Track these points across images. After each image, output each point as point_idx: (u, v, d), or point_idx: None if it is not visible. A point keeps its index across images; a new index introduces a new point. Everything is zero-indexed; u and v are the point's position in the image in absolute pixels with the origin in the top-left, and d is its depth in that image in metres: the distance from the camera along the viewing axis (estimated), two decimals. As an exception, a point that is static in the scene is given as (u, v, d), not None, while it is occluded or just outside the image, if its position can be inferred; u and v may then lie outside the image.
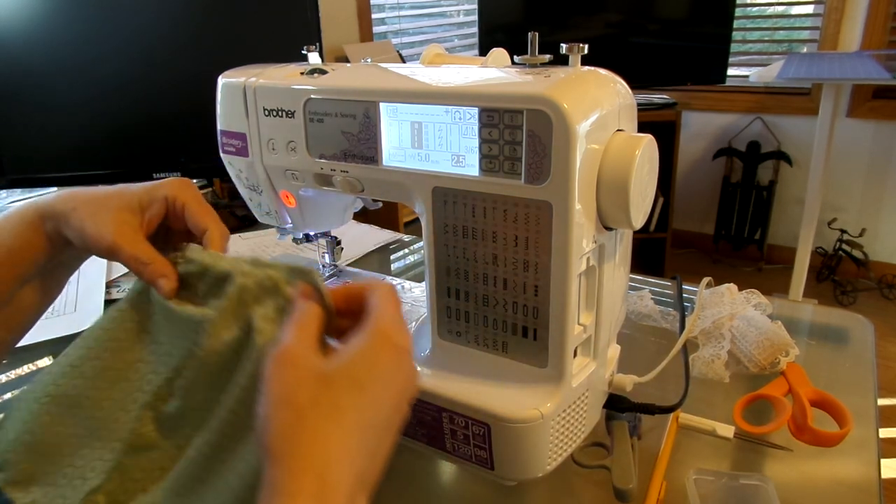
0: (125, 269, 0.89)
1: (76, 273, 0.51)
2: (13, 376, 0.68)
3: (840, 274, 2.60)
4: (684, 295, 0.76)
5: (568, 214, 0.40)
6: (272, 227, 0.64)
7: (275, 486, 0.27)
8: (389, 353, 0.32)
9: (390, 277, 0.68)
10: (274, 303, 0.37)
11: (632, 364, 0.55)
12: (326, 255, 0.70)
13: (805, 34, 2.55)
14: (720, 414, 0.56)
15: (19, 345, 0.71)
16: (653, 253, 2.59)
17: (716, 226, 2.83)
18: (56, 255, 0.44)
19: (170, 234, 0.46)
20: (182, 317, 0.39)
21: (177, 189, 0.45)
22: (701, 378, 0.62)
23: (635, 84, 0.58)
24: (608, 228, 0.44)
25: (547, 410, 0.43)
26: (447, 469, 0.54)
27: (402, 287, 0.66)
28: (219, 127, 0.58)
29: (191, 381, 0.38)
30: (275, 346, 0.32)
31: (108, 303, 0.80)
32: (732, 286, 0.72)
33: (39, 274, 0.45)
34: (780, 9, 2.59)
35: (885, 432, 1.61)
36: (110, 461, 0.39)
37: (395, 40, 2.47)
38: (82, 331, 0.43)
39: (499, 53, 0.49)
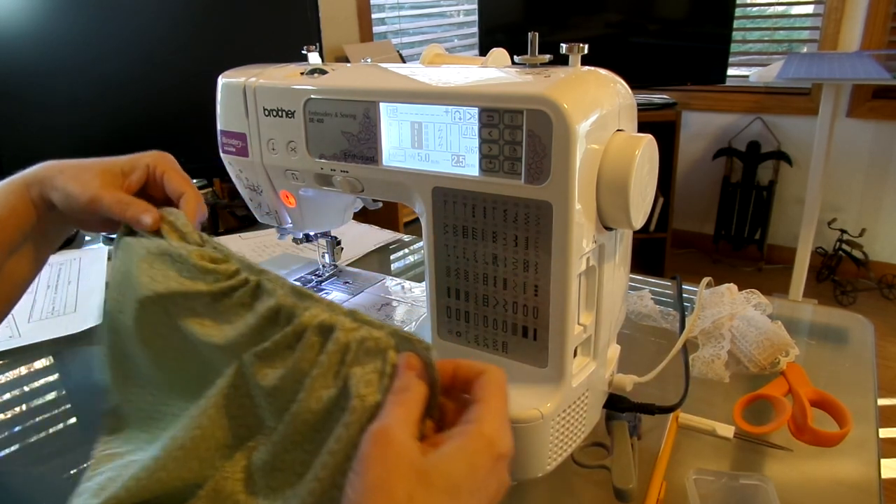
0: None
1: (76, 273, 0.51)
2: (12, 376, 0.68)
3: (840, 274, 2.60)
4: (684, 295, 0.76)
5: (568, 214, 0.40)
6: (272, 227, 0.64)
7: None
8: (490, 461, 0.31)
9: (390, 278, 0.68)
10: (374, 366, 0.34)
11: (632, 364, 0.55)
12: (326, 255, 0.70)
13: (805, 34, 2.55)
14: (720, 414, 0.56)
15: (19, 345, 0.71)
16: (653, 253, 2.59)
17: (716, 226, 2.83)
18: (41, 222, 0.45)
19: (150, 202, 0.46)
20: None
21: (158, 158, 0.47)
22: (701, 378, 0.62)
23: (635, 84, 0.58)
24: (608, 228, 0.44)
25: (547, 410, 0.43)
26: (447, 469, 0.54)
27: (402, 287, 0.66)
28: (219, 127, 0.58)
29: (282, 436, 0.36)
30: (377, 422, 0.31)
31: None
32: (732, 286, 0.72)
33: (25, 243, 0.46)
34: (780, 9, 2.59)
35: (885, 432, 1.61)
36: None
37: (395, 40, 2.47)
38: (82, 331, 0.42)
39: (499, 53, 0.49)
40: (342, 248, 0.71)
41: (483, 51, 2.15)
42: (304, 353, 0.35)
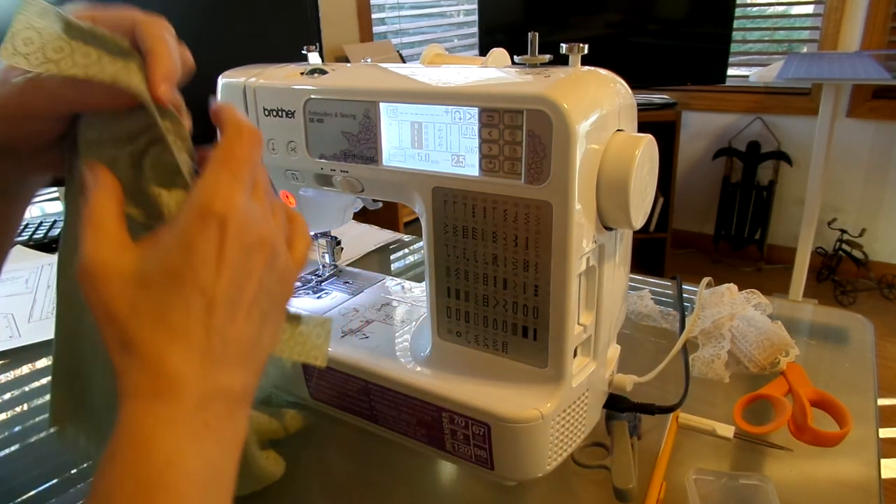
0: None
1: None
2: (12, 376, 0.68)
3: (840, 274, 2.60)
4: (684, 295, 0.76)
5: (568, 214, 0.40)
6: (272, 227, 0.64)
7: (119, 391, 0.29)
8: (207, 228, 0.29)
9: (390, 278, 0.68)
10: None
11: (632, 364, 0.55)
12: (326, 255, 0.70)
13: (805, 34, 2.55)
14: (720, 414, 0.56)
15: (19, 345, 0.71)
16: (653, 253, 2.59)
17: (716, 226, 2.83)
18: None
19: None
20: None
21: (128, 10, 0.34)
22: (701, 378, 0.62)
23: (635, 84, 0.58)
24: (608, 228, 0.44)
25: (547, 410, 0.43)
26: (447, 469, 0.54)
27: (402, 287, 0.66)
28: (219, 127, 0.58)
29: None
30: (78, 261, 0.30)
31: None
32: (732, 286, 0.72)
33: None
34: (780, 9, 2.59)
35: (885, 432, 1.61)
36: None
37: (395, 40, 2.47)
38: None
39: (499, 53, 0.49)
40: (342, 248, 0.71)
41: (483, 51, 2.15)
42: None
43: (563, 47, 0.43)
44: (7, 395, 0.65)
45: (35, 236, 1.03)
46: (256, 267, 0.31)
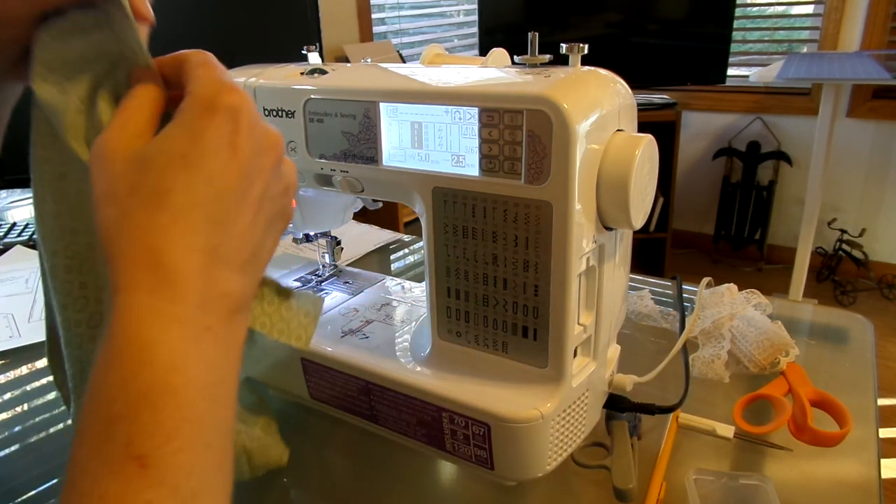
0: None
1: None
2: (13, 376, 0.68)
3: (840, 274, 2.60)
4: (684, 295, 0.76)
5: (568, 214, 0.40)
6: (272, 227, 0.64)
7: (113, 284, 0.27)
8: (217, 117, 0.28)
9: (390, 278, 0.68)
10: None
11: (632, 364, 0.55)
12: (326, 255, 0.70)
13: (805, 34, 2.55)
14: (720, 414, 0.56)
15: (19, 345, 0.71)
16: (653, 253, 2.59)
17: (716, 226, 2.83)
18: None
19: None
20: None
21: None
22: (701, 378, 0.62)
23: (635, 84, 0.57)
24: (608, 228, 0.44)
25: (547, 410, 0.43)
26: (447, 469, 0.54)
27: (402, 287, 0.66)
28: (219, 127, 0.58)
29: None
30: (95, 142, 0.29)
31: (108, 303, 0.80)
32: (732, 286, 0.72)
33: None
34: (780, 9, 2.59)
35: (885, 432, 1.61)
36: None
37: (395, 40, 2.47)
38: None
39: (499, 53, 0.49)
40: (342, 248, 0.71)
41: (483, 51, 2.15)
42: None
43: (563, 47, 0.43)
44: (7, 395, 0.65)
45: (35, 236, 1.03)
46: (265, 166, 0.30)
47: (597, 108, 0.40)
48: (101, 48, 0.33)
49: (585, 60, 0.43)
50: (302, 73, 0.51)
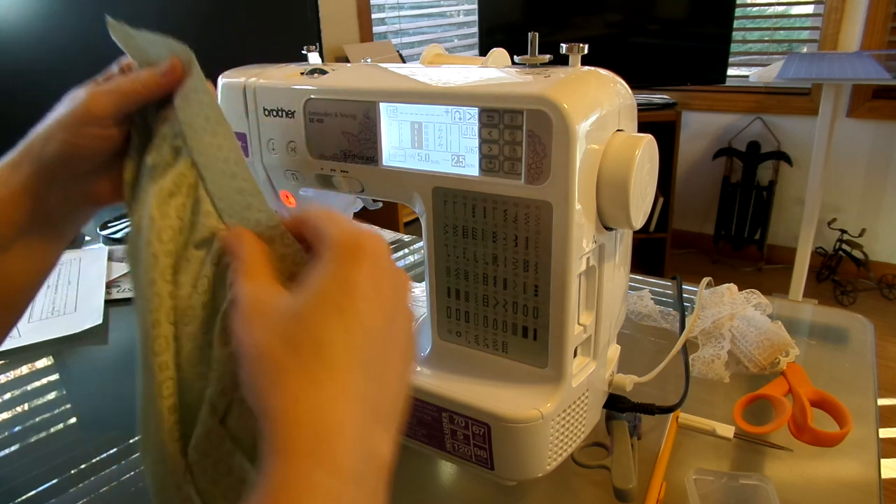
0: (125, 269, 0.89)
1: (76, 273, 0.50)
2: (13, 376, 0.68)
3: (840, 274, 2.60)
4: (684, 295, 0.76)
5: (568, 214, 0.40)
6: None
7: (269, 444, 0.25)
8: (362, 262, 0.28)
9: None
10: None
11: (632, 364, 0.55)
12: (326, 255, 0.70)
13: (805, 34, 2.55)
14: (720, 414, 0.56)
15: (19, 345, 0.71)
16: (653, 253, 2.59)
17: (716, 226, 2.83)
18: (39, 206, 0.40)
19: None
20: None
21: None
22: (701, 378, 0.62)
23: (635, 84, 0.58)
24: (608, 228, 0.44)
25: (547, 410, 0.43)
26: (447, 469, 0.54)
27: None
28: (219, 127, 0.58)
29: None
30: (233, 304, 0.29)
31: (108, 303, 0.80)
32: (732, 286, 0.72)
33: (20, 239, 0.40)
34: (780, 9, 2.59)
35: (885, 432, 1.61)
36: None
37: (395, 40, 2.47)
38: (82, 331, 0.41)
39: (499, 53, 0.49)
40: (342, 248, 0.71)
41: (483, 51, 2.15)
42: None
43: (563, 47, 0.43)
44: (7, 395, 0.65)
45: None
46: (402, 302, 0.30)
47: (597, 108, 0.40)
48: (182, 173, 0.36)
49: (585, 60, 0.43)
50: (302, 73, 0.51)
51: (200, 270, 0.34)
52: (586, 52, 0.43)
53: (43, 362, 0.70)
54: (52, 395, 0.64)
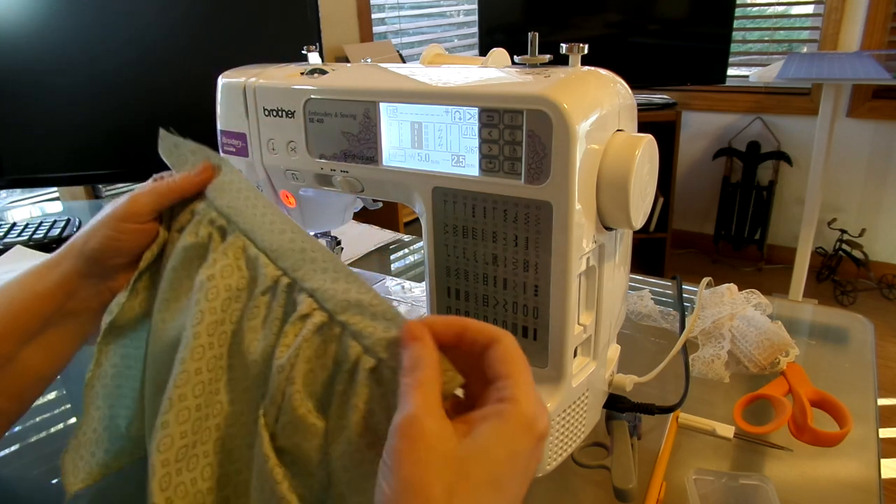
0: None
1: None
2: (13, 376, 0.68)
3: (840, 274, 2.60)
4: (684, 295, 0.76)
5: (568, 214, 0.40)
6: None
7: None
8: (531, 443, 0.29)
9: (390, 278, 0.68)
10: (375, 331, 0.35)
11: (632, 364, 0.55)
12: (326, 255, 0.70)
13: (805, 34, 2.55)
14: (720, 414, 0.56)
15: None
16: (653, 253, 2.59)
17: (716, 226, 2.83)
18: (69, 300, 0.43)
19: None
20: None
21: None
22: (701, 378, 0.62)
23: (635, 84, 0.58)
24: (608, 228, 0.44)
25: (547, 410, 0.43)
26: (447, 469, 0.54)
27: (402, 287, 0.66)
28: (219, 127, 0.58)
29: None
30: (400, 411, 0.28)
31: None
32: (732, 286, 0.72)
33: (46, 330, 0.43)
34: (780, 9, 2.59)
35: (885, 432, 1.61)
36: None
37: (395, 40, 2.47)
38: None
39: (499, 53, 0.49)
40: (342, 248, 0.71)
41: (483, 51, 2.15)
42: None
43: (563, 47, 0.43)
44: (7, 395, 0.64)
45: (35, 236, 1.03)
46: (532, 472, 0.31)
47: (597, 108, 0.40)
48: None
49: (585, 60, 0.43)
50: (302, 73, 0.51)
51: (268, 315, 0.38)
52: (586, 52, 0.43)
53: (43, 362, 0.70)
54: (52, 395, 0.64)
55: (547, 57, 0.44)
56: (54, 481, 0.53)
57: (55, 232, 1.04)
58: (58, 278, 0.43)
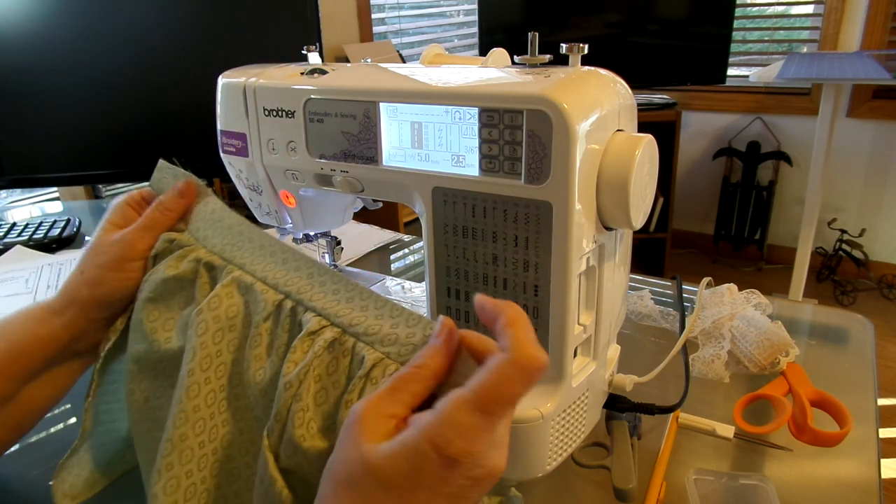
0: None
1: None
2: (13, 376, 0.68)
3: (840, 274, 2.60)
4: (684, 295, 0.76)
5: (568, 214, 0.40)
6: (272, 227, 0.64)
7: None
8: (439, 465, 0.28)
9: (390, 278, 0.68)
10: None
11: (632, 364, 0.55)
12: (326, 255, 0.70)
13: (805, 34, 2.55)
14: (720, 414, 0.56)
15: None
16: (653, 253, 2.59)
17: (716, 226, 2.83)
18: (70, 343, 0.44)
19: None
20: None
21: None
22: (701, 378, 0.62)
23: (635, 84, 0.58)
24: (608, 228, 0.44)
25: (547, 410, 0.43)
26: (447, 469, 0.54)
27: (402, 287, 0.66)
28: (219, 127, 0.58)
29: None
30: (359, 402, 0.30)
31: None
32: (732, 286, 0.72)
33: (47, 370, 0.44)
34: (780, 9, 2.59)
35: (885, 432, 1.61)
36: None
37: (395, 40, 2.47)
38: None
39: (499, 53, 0.49)
40: (342, 248, 0.71)
41: (483, 51, 2.15)
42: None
43: (563, 47, 0.43)
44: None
45: (35, 236, 1.03)
46: (472, 499, 0.30)
47: (597, 108, 0.40)
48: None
49: (585, 60, 0.43)
50: (302, 73, 0.51)
51: (273, 341, 0.38)
52: (586, 52, 0.43)
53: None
54: (52, 395, 0.64)
55: (547, 57, 0.44)
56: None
57: (55, 232, 1.04)
58: (64, 323, 0.44)
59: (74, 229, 1.07)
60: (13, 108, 0.97)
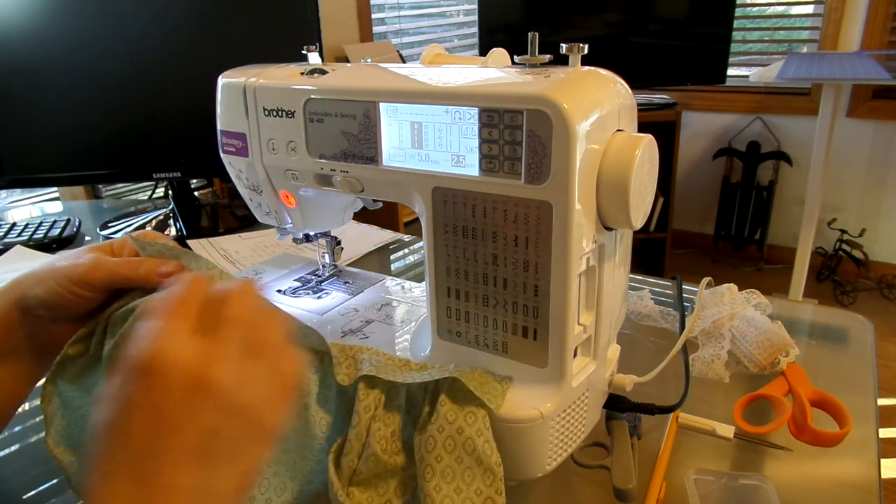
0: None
1: None
2: (13, 376, 0.68)
3: (840, 274, 2.60)
4: (684, 295, 0.76)
5: (568, 214, 0.40)
6: (272, 227, 0.64)
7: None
8: (137, 382, 0.29)
9: (390, 278, 0.68)
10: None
11: (632, 364, 0.55)
12: (326, 255, 0.70)
13: (805, 34, 2.55)
14: (720, 414, 0.56)
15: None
16: (653, 253, 2.59)
17: (716, 226, 2.83)
18: (26, 335, 0.44)
19: None
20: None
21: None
22: (701, 378, 0.62)
23: (635, 84, 0.57)
24: (608, 228, 0.44)
25: (547, 410, 0.43)
26: (447, 469, 0.54)
27: (402, 287, 0.66)
28: (219, 127, 0.58)
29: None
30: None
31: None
32: (732, 286, 0.72)
33: (8, 359, 0.44)
34: (780, 9, 2.59)
35: (885, 432, 1.61)
36: None
37: (395, 40, 2.47)
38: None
39: (499, 53, 0.49)
40: (342, 248, 0.71)
41: (483, 51, 2.15)
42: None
43: (563, 47, 0.43)
44: (7, 395, 0.64)
45: (35, 236, 1.03)
46: (199, 411, 0.30)
47: (597, 108, 0.40)
48: None
49: (585, 60, 0.43)
50: (302, 73, 0.51)
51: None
52: (586, 52, 0.43)
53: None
54: (52, 395, 0.64)
55: (547, 57, 0.44)
56: (55, 481, 0.53)
57: (55, 232, 1.04)
58: (16, 308, 0.43)
59: (74, 229, 1.07)
60: (13, 108, 0.97)
